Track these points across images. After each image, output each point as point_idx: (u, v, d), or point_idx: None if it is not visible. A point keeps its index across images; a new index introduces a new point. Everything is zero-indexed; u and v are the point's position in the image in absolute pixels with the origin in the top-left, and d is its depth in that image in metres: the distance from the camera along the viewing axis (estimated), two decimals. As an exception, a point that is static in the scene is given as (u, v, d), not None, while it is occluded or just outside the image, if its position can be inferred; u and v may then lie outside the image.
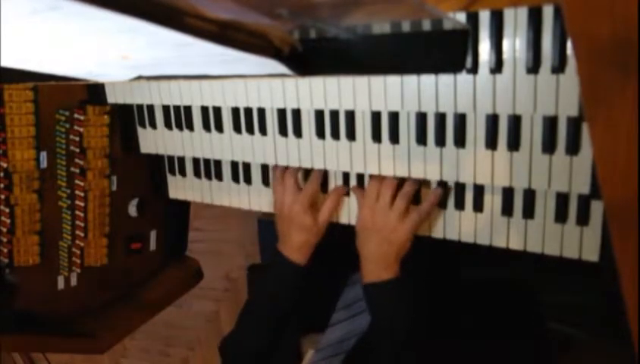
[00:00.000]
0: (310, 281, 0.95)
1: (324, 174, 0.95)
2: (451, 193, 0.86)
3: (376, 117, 0.84)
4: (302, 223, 0.92)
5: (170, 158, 1.11)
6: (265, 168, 1.00)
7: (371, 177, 0.89)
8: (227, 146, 0.99)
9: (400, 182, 0.87)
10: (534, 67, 0.69)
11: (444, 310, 0.98)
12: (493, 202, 0.83)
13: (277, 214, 0.96)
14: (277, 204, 0.96)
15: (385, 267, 0.86)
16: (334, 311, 0.98)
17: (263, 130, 0.95)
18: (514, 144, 0.75)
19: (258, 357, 0.96)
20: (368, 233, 0.88)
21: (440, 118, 0.79)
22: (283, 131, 0.92)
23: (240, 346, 0.98)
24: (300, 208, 0.92)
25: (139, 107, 1.08)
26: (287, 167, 0.96)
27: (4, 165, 1.03)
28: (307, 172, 0.96)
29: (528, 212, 0.80)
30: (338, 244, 0.92)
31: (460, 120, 0.78)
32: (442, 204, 0.86)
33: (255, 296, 1.02)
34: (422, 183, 0.87)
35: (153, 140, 1.08)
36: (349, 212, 0.94)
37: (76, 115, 1.07)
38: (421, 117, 0.80)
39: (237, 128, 0.97)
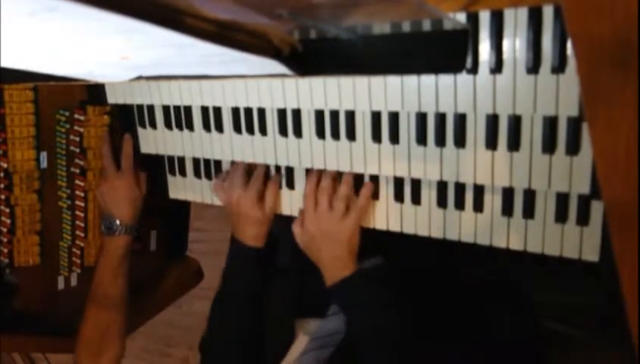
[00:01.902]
0: (303, 270, 0.97)
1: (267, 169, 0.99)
2: (451, 193, 0.86)
3: (376, 117, 0.84)
4: (253, 216, 0.97)
5: (171, 158, 1.11)
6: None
7: (306, 185, 0.92)
8: (227, 146, 0.99)
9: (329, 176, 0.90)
10: (534, 67, 0.69)
11: (442, 310, 0.98)
12: (493, 202, 0.82)
13: (228, 211, 1.00)
14: (224, 202, 1.00)
15: (342, 267, 0.89)
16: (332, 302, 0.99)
17: (263, 130, 0.95)
18: (514, 144, 0.75)
19: (243, 345, 0.97)
20: (316, 241, 0.90)
21: (440, 118, 0.79)
22: (283, 131, 0.92)
23: (218, 337, 1.00)
24: (249, 203, 0.96)
25: (139, 107, 1.07)
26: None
27: (5, 165, 1.03)
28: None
29: (528, 212, 0.80)
30: None
31: (460, 120, 0.78)
32: (442, 204, 0.86)
33: (223, 287, 1.03)
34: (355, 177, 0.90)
35: (153, 140, 1.08)
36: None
37: (76, 115, 1.07)
38: (421, 117, 0.80)
39: (237, 128, 0.97)
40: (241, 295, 0.99)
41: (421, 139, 0.81)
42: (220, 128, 0.99)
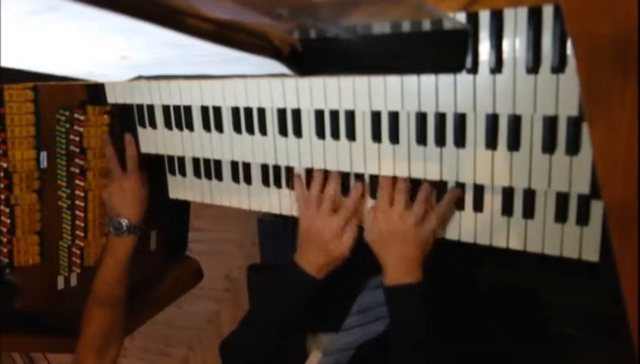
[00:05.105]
0: (324, 281, 0.94)
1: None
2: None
3: (376, 117, 0.84)
4: (328, 249, 0.91)
5: (170, 158, 1.11)
6: (264, 168, 1.00)
7: (379, 180, 0.88)
8: (227, 146, 0.99)
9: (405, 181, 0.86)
10: (534, 67, 0.69)
11: (450, 311, 0.98)
12: (493, 202, 0.83)
13: (303, 233, 0.93)
14: (304, 222, 0.93)
15: (408, 271, 0.85)
16: (348, 315, 0.98)
17: (263, 130, 0.95)
18: (514, 144, 0.75)
19: (261, 361, 0.95)
20: (385, 237, 0.86)
21: (440, 118, 0.79)
22: (283, 131, 0.92)
23: (243, 349, 0.97)
24: (330, 235, 0.90)
25: (139, 107, 1.08)
26: (322, 179, 0.93)
27: (5, 165, 1.03)
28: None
29: (528, 212, 0.80)
30: (356, 247, 0.91)
31: (460, 120, 0.78)
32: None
33: (264, 302, 1.00)
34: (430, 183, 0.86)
35: (153, 140, 1.08)
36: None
37: (76, 115, 1.06)
38: (421, 117, 0.80)
39: (237, 128, 0.97)
40: (283, 318, 0.94)
41: (421, 139, 0.81)
42: (220, 128, 0.99)
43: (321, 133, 0.89)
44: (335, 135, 0.88)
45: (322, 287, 0.93)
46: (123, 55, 0.45)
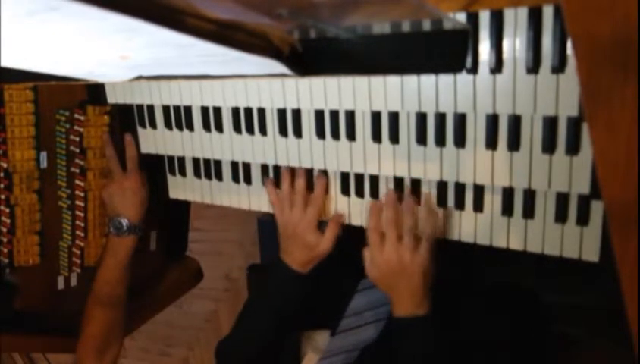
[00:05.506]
0: (316, 281, 0.95)
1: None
2: (451, 193, 0.86)
3: (376, 117, 0.84)
4: (308, 243, 0.92)
5: (171, 158, 1.11)
6: (264, 168, 1.00)
7: (368, 214, 0.88)
8: (227, 146, 0.99)
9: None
10: (534, 67, 0.69)
11: (448, 311, 0.98)
12: (493, 202, 0.82)
13: (281, 231, 0.96)
14: (281, 221, 0.95)
15: (417, 303, 0.85)
16: (344, 317, 0.98)
17: (263, 130, 0.95)
18: (514, 144, 0.75)
19: (260, 359, 0.95)
20: (389, 277, 0.86)
21: (440, 118, 0.79)
22: (283, 131, 0.92)
23: (238, 351, 0.98)
24: (307, 227, 0.92)
25: (139, 107, 1.08)
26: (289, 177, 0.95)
27: (5, 165, 1.03)
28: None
29: (528, 212, 0.80)
30: (348, 248, 0.92)
31: (460, 120, 0.78)
32: (442, 204, 0.86)
33: (255, 302, 1.01)
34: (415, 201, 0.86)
35: (153, 140, 1.08)
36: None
37: (76, 115, 1.06)
38: (421, 117, 0.80)
39: (237, 128, 0.97)
40: (271, 315, 0.95)
41: (421, 139, 0.81)
42: (220, 128, 0.99)
43: (321, 133, 0.89)
44: (335, 135, 0.88)
45: (318, 286, 0.93)
46: (123, 55, 0.45)
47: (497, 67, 0.71)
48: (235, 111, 0.97)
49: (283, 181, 0.95)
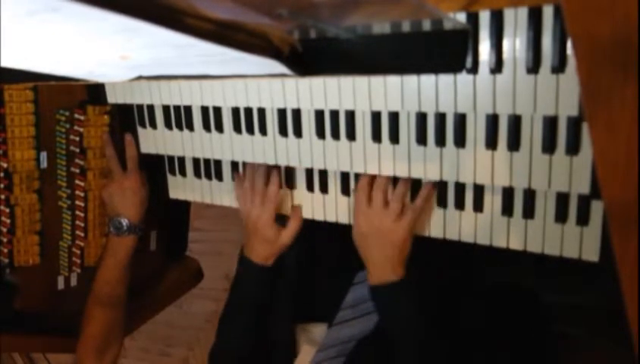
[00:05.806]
0: (310, 272, 0.98)
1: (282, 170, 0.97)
2: (451, 193, 0.86)
3: (376, 117, 0.84)
4: (269, 238, 0.96)
5: (171, 158, 1.11)
6: (265, 168, 1.00)
7: (359, 179, 0.89)
8: (227, 146, 0.99)
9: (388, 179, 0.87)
10: (534, 67, 0.69)
11: (449, 311, 0.98)
12: (493, 202, 0.83)
13: (244, 226, 0.99)
14: (243, 214, 0.99)
15: (391, 269, 0.87)
16: (340, 309, 0.98)
17: (263, 130, 0.95)
18: (514, 144, 0.75)
19: (249, 357, 0.96)
20: (366, 238, 0.88)
21: (440, 118, 0.79)
22: (283, 131, 0.92)
23: (230, 353, 1.00)
24: (266, 223, 0.96)
25: (139, 107, 1.08)
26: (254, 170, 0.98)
27: (5, 165, 1.03)
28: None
29: (528, 212, 0.80)
30: (343, 240, 0.92)
31: (460, 120, 0.78)
32: (442, 204, 0.86)
33: (229, 303, 1.04)
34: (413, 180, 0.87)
35: (153, 140, 1.08)
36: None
37: (76, 115, 1.07)
38: (421, 117, 0.80)
39: (237, 128, 0.97)
40: (247, 311, 0.99)
41: (421, 139, 0.81)
42: (220, 128, 0.99)
43: (321, 133, 0.89)
44: (335, 135, 0.88)
45: (314, 279, 0.94)
46: (123, 55, 0.45)
47: (497, 67, 0.71)
48: (235, 111, 0.97)
49: (247, 178, 0.98)
